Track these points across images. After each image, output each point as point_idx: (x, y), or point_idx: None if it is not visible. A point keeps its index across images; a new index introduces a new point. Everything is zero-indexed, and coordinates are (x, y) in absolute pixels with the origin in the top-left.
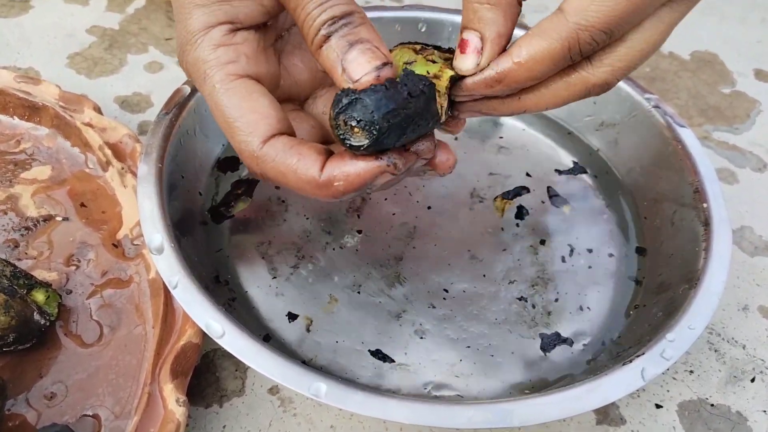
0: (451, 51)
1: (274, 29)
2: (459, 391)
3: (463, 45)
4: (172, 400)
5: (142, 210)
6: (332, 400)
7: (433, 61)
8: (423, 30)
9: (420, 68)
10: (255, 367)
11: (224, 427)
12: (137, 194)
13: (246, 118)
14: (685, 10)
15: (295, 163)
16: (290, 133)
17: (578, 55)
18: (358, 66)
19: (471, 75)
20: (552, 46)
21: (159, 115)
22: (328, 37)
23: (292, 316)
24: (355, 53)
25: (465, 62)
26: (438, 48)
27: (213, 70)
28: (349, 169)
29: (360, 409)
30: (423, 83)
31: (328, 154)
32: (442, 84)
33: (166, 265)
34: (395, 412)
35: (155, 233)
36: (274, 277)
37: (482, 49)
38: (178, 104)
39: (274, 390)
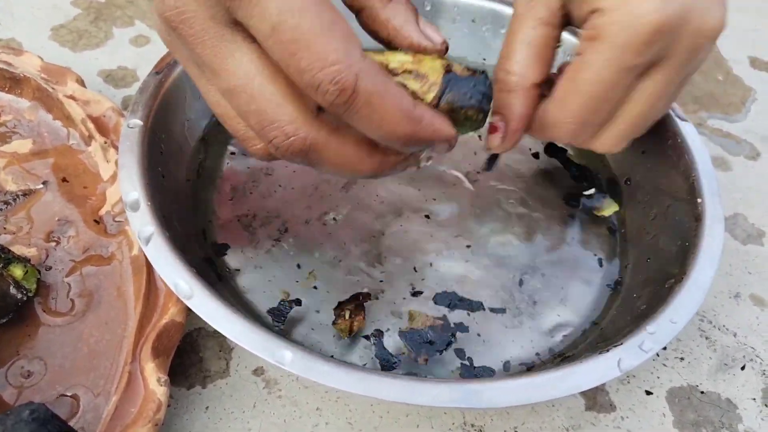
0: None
1: None
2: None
3: (492, 128)
4: (153, 379)
5: (122, 166)
6: (297, 368)
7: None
8: (428, 9)
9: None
10: (222, 331)
11: (207, 408)
12: (118, 149)
13: (341, 27)
14: (665, 80)
15: (393, 86)
16: None
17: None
18: None
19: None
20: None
21: (150, 74)
22: None
23: (269, 288)
24: None
25: (493, 141)
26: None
27: None
28: (436, 119)
29: (324, 379)
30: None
31: None
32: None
33: (140, 221)
34: (358, 385)
35: (132, 190)
36: (255, 248)
37: (506, 131)
38: (169, 64)
39: (258, 371)
